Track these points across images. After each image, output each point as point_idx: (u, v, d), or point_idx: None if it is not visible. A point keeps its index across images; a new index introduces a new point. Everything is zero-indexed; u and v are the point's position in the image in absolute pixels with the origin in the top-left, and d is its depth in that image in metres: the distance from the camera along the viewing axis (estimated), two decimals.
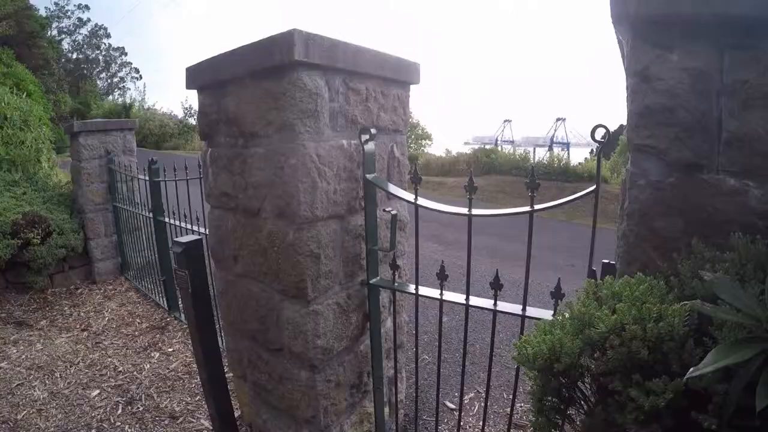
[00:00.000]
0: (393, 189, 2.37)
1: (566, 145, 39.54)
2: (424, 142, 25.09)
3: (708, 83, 1.44)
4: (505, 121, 48.88)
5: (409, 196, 2.28)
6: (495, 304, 2.10)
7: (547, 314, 1.92)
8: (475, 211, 2.09)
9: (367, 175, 2.35)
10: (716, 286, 1.18)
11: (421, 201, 2.22)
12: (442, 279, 2.18)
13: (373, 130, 2.32)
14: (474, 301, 2.19)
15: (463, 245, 2.19)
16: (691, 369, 1.05)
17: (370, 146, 2.34)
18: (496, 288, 2.08)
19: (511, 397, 3.14)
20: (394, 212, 2.42)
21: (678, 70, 1.46)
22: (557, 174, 15.75)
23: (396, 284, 2.41)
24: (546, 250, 7.76)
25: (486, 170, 17.34)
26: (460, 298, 2.22)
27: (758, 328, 1.07)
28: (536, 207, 1.93)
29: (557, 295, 1.91)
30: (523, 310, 2.04)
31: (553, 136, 44.85)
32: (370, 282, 2.50)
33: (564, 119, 45.46)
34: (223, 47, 2.35)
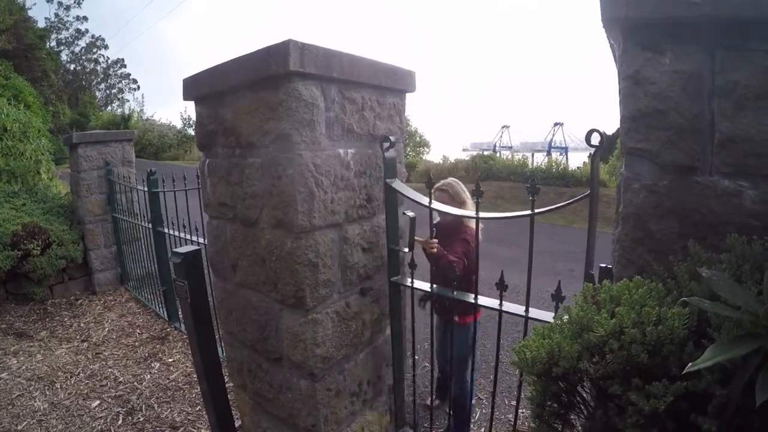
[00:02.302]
0: (410, 193, 2.53)
1: (564, 150, 39.54)
2: (422, 149, 25.13)
3: (700, 85, 1.45)
4: (503, 127, 48.96)
5: (424, 200, 2.43)
6: (501, 304, 2.19)
7: (549, 316, 1.97)
8: (482, 215, 2.22)
9: (388, 180, 2.53)
10: (714, 283, 1.18)
11: (434, 205, 2.44)
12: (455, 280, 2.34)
13: (392, 138, 2.50)
14: (482, 300, 2.30)
15: None
16: (690, 364, 1.04)
17: (390, 153, 2.51)
18: (501, 288, 2.18)
19: (513, 402, 3.14)
20: (412, 214, 2.57)
21: (670, 73, 1.47)
22: (556, 179, 15.80)
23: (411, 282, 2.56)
24: (545, 255, 7.77)
25: (484, 176, 17.34)
26: (469, 297, 2.35)
27: (757, 324, 1.07)
28: (536, 210, 2.01)
29: (558, 297, 1.97)
30: (526, 311, 2.10)
31: (551, 140, 44.94)
32: (392, 279, 2.64)
33: (562, 124, 45.55)
34: (219, 57, 2.37)
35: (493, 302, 2.23)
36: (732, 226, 1.43)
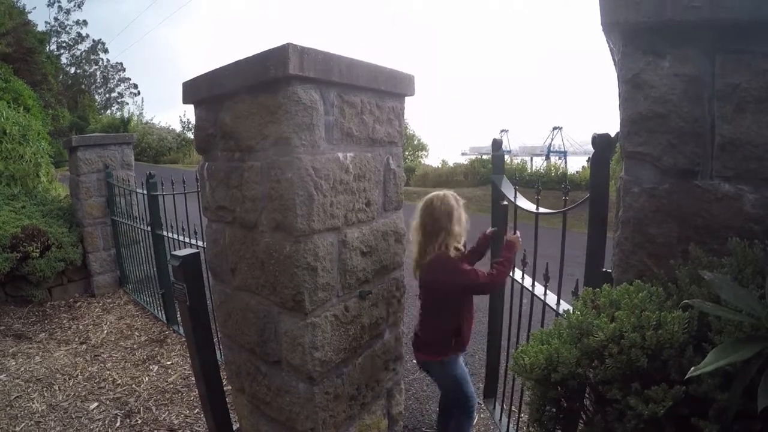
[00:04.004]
0: (504, 187, 3.26)
1: (563, 154, 39.63)
2: (420, 153, 25.06)
3: (700, 88, 1.45)
4: (501, 131, 49.05)
5: (511, 196, 3.02)
6: (545, 294, 2.62)
7: None
8: (540, 210, 2.72)
9: (493, 177, 3.37)
10: (716, 285, 1.17)
11: (519, 201, 2.95)
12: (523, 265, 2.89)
13: (497, 137, 3.45)
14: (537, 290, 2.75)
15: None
16: (692, 368, 1.04)
17: (499, 152, 3.39)
18: (546, 280, 2.58)
19: (514, 408, 3.13)
20: (505, 203, 3.04)
21: (670, 77, 1.47)
22: (555, 183, 15.77)
23: None
24: (547, 259, 7.69)
25: (483, 181, 17.31)
26: (527, 283, 2.87)
27: (759, 327, 1.06)
28: (567, 207, 2.45)
29: (577, 295, 2.14)
30: (558, 304, 2.47)
31: (550, 145, 45.06)
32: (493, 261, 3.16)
33: (560, 128, 45.70)
34: (219, 61, 2.36)
35: (540, 291, 2.68)
36: (732, 230, 1.43)
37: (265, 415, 2.62)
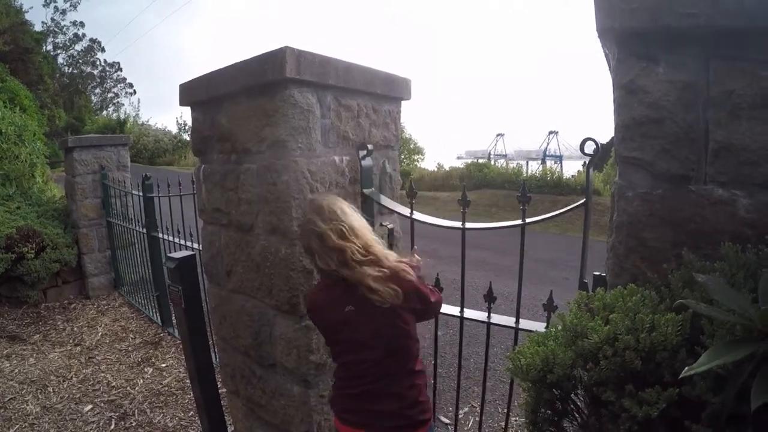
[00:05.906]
0: (388, 203, 2.44)
1: (559, 158, 39.70)
2: (416, 156, 25.04)
3: (694, 94, 1.46)
4: (497, 135, 49.28)
5: (405, 210, 2.32)
6: (489, 317, 2.19)
7: (539, 326, 1.97)
8: (468, 225, 2.13)
9: (365, 190, 2.43)
10: (710, 287, 1.18)
11: (416, 215, 2.29)
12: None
13: (369, 146, 2.39)
14: (468, 313, 2.25)
15: (456, 260, 2.21)
16: (686, 368, 1.04)
17: (367, 162, 2.42)
18: (489, 300, 2.17)
19: (505, 411, 3.14)
20: (391, 226, 2.46)
21: (664, 83, 1.48)
22: (550, 187, 15.76)
23: None
24: (540, 263, 7.75)
25: (479, 185, 17.32)
26: (454, 310, 2.27)
27: (751, 329, 1.07)
28: (528, 220, 1.99)
29: (550, 307, 1.98)
30: (516, 322, 2.09)
31: (546, 149, 45.22)
32: None
33: (556, 132, 45.87)
34: (216, 63, 2.37)
35: (482, 315, 2.23)
36: (725, 234, 1.44)
37: (259, 418, 2.62)
